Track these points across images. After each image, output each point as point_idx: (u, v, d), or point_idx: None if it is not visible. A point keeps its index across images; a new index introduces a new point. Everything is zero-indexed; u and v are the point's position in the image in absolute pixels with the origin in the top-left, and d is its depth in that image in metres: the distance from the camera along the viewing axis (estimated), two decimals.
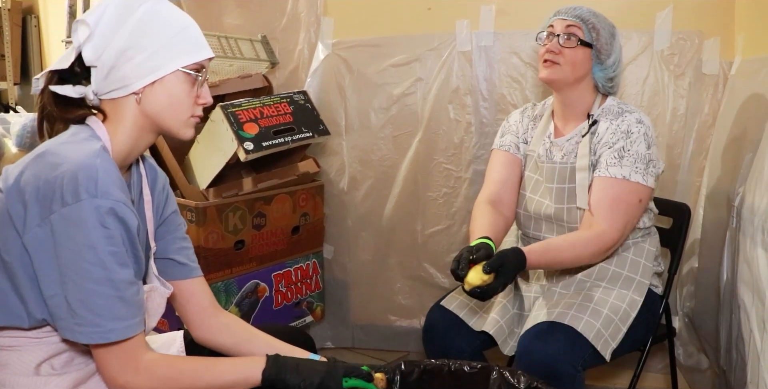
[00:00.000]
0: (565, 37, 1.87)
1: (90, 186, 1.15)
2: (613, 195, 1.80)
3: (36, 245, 1.17)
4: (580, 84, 1.91)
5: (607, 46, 1.88)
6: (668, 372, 2.28)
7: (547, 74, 1.90)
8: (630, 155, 1.80)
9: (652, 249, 1.96)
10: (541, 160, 1.97)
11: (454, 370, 1.52)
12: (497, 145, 2.09)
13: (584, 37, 1.86)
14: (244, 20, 2.95)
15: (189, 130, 1.35)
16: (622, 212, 1.79)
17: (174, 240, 1.49)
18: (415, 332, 2.84)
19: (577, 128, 1.94)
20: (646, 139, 1.82)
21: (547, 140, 1.99)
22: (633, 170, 1.79)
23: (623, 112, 1.89)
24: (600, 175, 1.83)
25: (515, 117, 2.11)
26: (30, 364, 1.27)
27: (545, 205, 1.93)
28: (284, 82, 2.89)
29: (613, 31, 1.91)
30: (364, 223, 2.88)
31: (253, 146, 2.30)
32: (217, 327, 1.53)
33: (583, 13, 1.88)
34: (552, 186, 1.92)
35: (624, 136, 1.83)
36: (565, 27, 1.87)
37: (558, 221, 1.92)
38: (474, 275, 1.63)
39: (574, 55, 1.86)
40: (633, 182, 1.80)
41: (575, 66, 1.87)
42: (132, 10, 1.25)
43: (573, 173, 1.89)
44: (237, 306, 2.45)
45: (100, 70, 1.24)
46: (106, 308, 1.18)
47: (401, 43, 2.69)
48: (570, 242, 1.79)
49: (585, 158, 1.87)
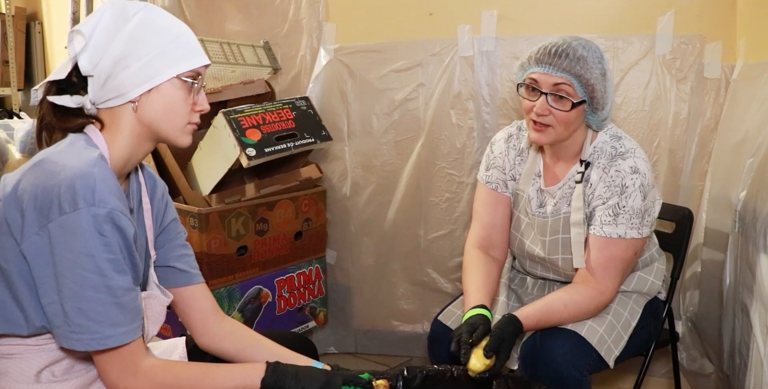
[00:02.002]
0: (553, 97, 1.68)
1: (87, 195, 1.15)
2: (609, 255, 1.75)
3: (34, 253, 1.17)
4: (574, 134, 1.78)
5: (602, 98, 1.69)
6: (672, 377, 2.28)
7: (539, 138, 1.74)
8: (625, 212, 1.71)
9: (661, 268, 1.96)
10: (531, 210, 1.89)
11: (456, 376, 1.52)
12: (483, 179, 1.98)
13: (576, 95, 1.67)
14: (246, 26, 2.96)
15: (186, 137, 1.35)
16: (618, 269, 1.76)
17: (174, 248, 1.50)
18: (418, 337, 2.84)
19: (569, 172, 1.84)
20: (642, 190, 1.71)
21: (537, 179, 1.90)
22: (628, 227, 1.72)
23: (616, 155, 1.74)
24: (595, 233, 1.75)
25: (500, 148, 1.96)
26: (30, 372, 1.27)
27: (537, 251, 1.89)
28: (286, 87, 2.90)
29: (603, 67, 1.70)
30: (367, 228, 2.88)
31: (255, 152, 2.30)
32: (220, 334, 1.53)
33: (571, 65, 1.65)
34: (544, 239, 1.87)
35: (618, 191, 1.71)
36: (552, 85, 1.67)
37: (553, 267, 1.90)
38: (476, 361, 1.58)
39: (568, 117, 1.68)
40: (629, 239, 1.74)
41: (569, 125, 1.71)
42: (126, 18, 1.25)
43: (566, 224, 1.81)
44: (240, 312, 2.45)
45: (97, 80, 1.25)
46: (104, 314, 1.19)
47: (403, 48, 2.70)
48: (566, 305, 1.73)
49: (579, 212, 1.77)
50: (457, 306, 1.98)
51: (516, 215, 1.95)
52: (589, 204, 1.78)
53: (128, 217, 1.22)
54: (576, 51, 1.66)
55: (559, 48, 1.67)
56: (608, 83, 1.71)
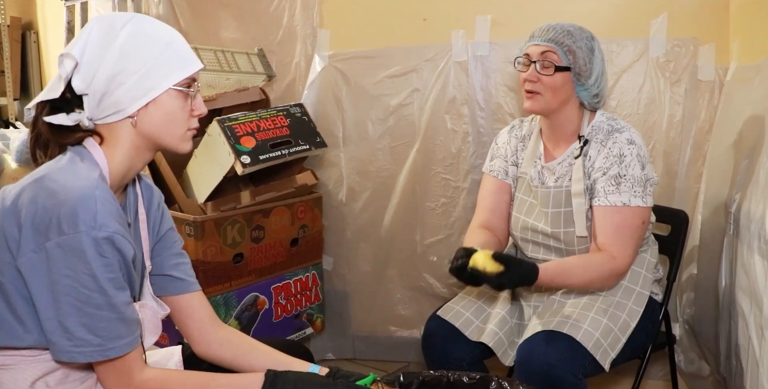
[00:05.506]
0: (541, 64, 1.83)
1: (88, 218, 1.16)
2: (617, 223, 1.80)
3: (30, 270, 1.17)
4: (565, 106, 1.89)
5: (586, 67, 1.84)
6: (669, 379, 2.28)
7: (531, 105, 1.87)
8: (627, 180, 1.79)
9: (652, 260, 1.97)
10: (534, 184, 1.96)
11: (453, 381, 1.52)
12: (487, 169, 2.10)
13: (560, 61, 1.82)
14: (240, 34, 2.96)
15: (187, 144, 1.35)
16: (628, 237, 1.80)
17: (170, 256, 1.50)
18: (415, 342, 2.83)
19: (568, 149, 1.93)
20: (639, 160, 1.81)
21: (538, 161, 1.98)
22: (632, 195, 1.79)
23: (613, 130, 1.86)
24: (600, 204, 1.81)
25: (503, 138, 2.09)
26: (24, 383, 1.26)
27: (540, 227, 1.93)
28: (281, 94, 2.91)
29: (592, 45, 1.86)
30: (363, 234, 2.88)
31: (250, 160, 2.30)
32: (217, 341, 1.53)
33: (557, 36, 1.83)
34: (547, 211, 1.91)
35: (617, 160, 1.81)
36: (540, 53, 1.84)
37: (555, 244, 1.92)
38: (483, 256, 1.65)
39: (553, 81, 1.83)
40: (634, 207, 1.79)
41: (556, 92, 1.84)
42: (115, 33, 1.24)
43: (568, 196, 1.88)
44: (237, 319, 2.45)
45: (92, 98, 1.24)
46: (108, 330, 1.20)
47: (397, 54, 2.70)
48: (584, 265, 1.80)
49: (580, 183, 1.86)
50: (456, 302, 2.00)
51: (519, 198, 2.01)
52: (589, 176, 1.86)
53: (128, 240, 1.23)
54: (564, 27, 1.85)
55: (549, 25, 1.87)
56: (595, 58, 1.86)
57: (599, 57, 1.87)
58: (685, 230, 2.14)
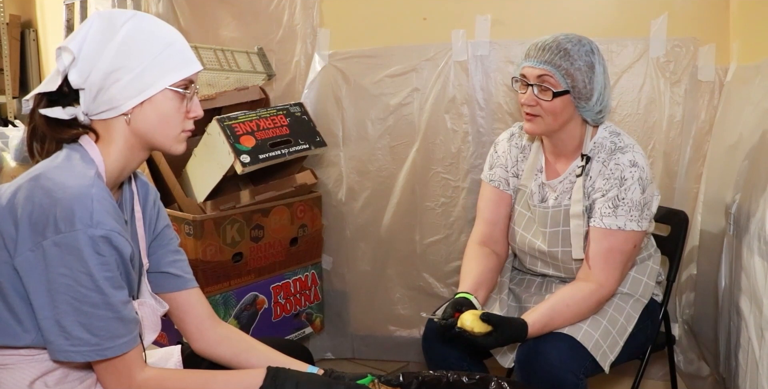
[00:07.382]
0: (538, 88, 1.76)
1: (85, 216, 1.15)
2: (608, 247, 1.78)
3: (27, 269, 1.17)
4: (567, 125, 1.83)
5: (586, 89, 1.76)
6: (668, 380, 2.27)
7: (531, 128, 1.83)
8: (624, 204, 1.76)
9: (655, 267, 1.97)
10: (533, 202, 1.94)
11: (452, 381, 1.52)
12: (486, 177, 2.05)
13: (558, 85, 1.75)
14: (240, 33, 2.96)
15: (180, 145, 1.35)
16: (618, 261, 1.79)
17: (167, 253, 1.50)
18: (415, 342, 2.84)
19: (569, 166, 1.89)
20: (640, 183, 1.76)
21: (539, 175, 1.95)
22: (628, 219, 1.76)
23: (616, 149, 1.80)
24: (595, 225, 1.79)
25: (503, 146, 2.03)
26: (23, 382, 1.26)
27: (537, 245, 1.92)
28: (281, 94, 2.90)
29: (592, 60, 1.76)
30: (363, 234, 2.88)
31: (249, 159, 2.30)
32: (215, 339, 1.53)
33: (553, 58, 1.74)
34: (545, 230, 1.90)
35: (618, 183, 1.76)
36: (537, 77, 1.76)
37: (553, 261, 1.92)
38: (471, 317, 1.64)
39: (552, 107, 1.76)
40: (628, 231, 1.77)
41: (557, 116, 1.78)
42: (115, 29, 1.23)
43: (567, 216, 1.85)
44: (236, 319, 2.45)
45: (89, 92, 1.24)
46: (105, 329, 1.20)
47: (397, 53, 2.70)
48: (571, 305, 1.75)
49: (579, 204, 1.82)
50: None
51: (518, 210, 1.98)
52: (588, 196, 1.83)
53: (125, 237, 1.23)
54: (561, 45, 1.75)
55: (545, 43, 1.77)
56: (596, 75, 1.77)
57: (600, 71, 1.78)
58: (685, 230, 2.13)
